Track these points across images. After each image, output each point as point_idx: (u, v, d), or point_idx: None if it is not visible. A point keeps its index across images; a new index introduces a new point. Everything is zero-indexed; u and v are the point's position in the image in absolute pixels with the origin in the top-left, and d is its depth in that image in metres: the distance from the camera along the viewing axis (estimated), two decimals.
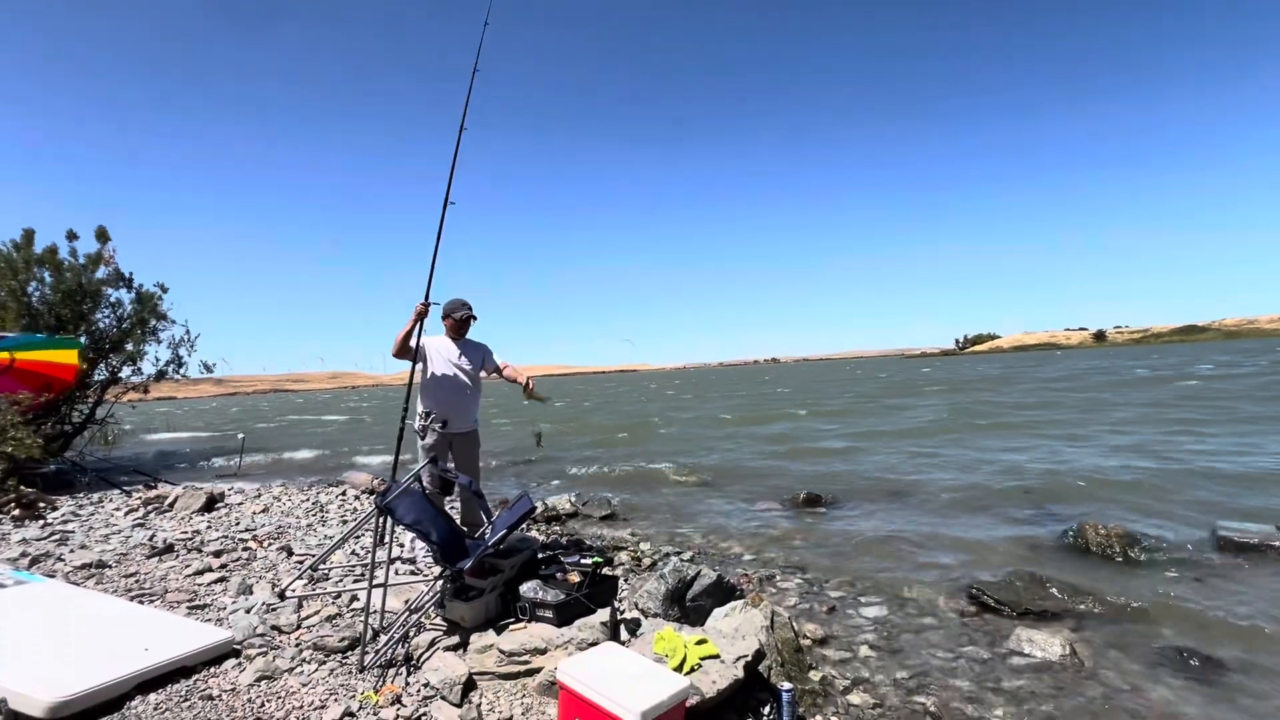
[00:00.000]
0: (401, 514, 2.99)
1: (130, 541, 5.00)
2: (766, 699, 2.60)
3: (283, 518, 6.05)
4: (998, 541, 5.35)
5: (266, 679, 2.63)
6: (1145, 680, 2.98)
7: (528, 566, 3.22)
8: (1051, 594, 3.94)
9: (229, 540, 5.03)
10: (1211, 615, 3.67)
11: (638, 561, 4.96)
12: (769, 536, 5.80)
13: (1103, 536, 4.89)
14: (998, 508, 6.51)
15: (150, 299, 11.66)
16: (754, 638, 2.78)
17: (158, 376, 12.08)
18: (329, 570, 4.13)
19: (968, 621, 3.72)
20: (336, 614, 3.36)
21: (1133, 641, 3.38)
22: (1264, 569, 4.36)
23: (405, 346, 3.94)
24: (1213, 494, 6.55)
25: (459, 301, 4.16)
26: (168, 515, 6.18)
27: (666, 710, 2.06)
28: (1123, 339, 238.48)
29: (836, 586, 4.39)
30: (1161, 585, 4.17)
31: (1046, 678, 3.03)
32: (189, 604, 3.55)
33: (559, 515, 6.60)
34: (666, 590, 3.54)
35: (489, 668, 2.68)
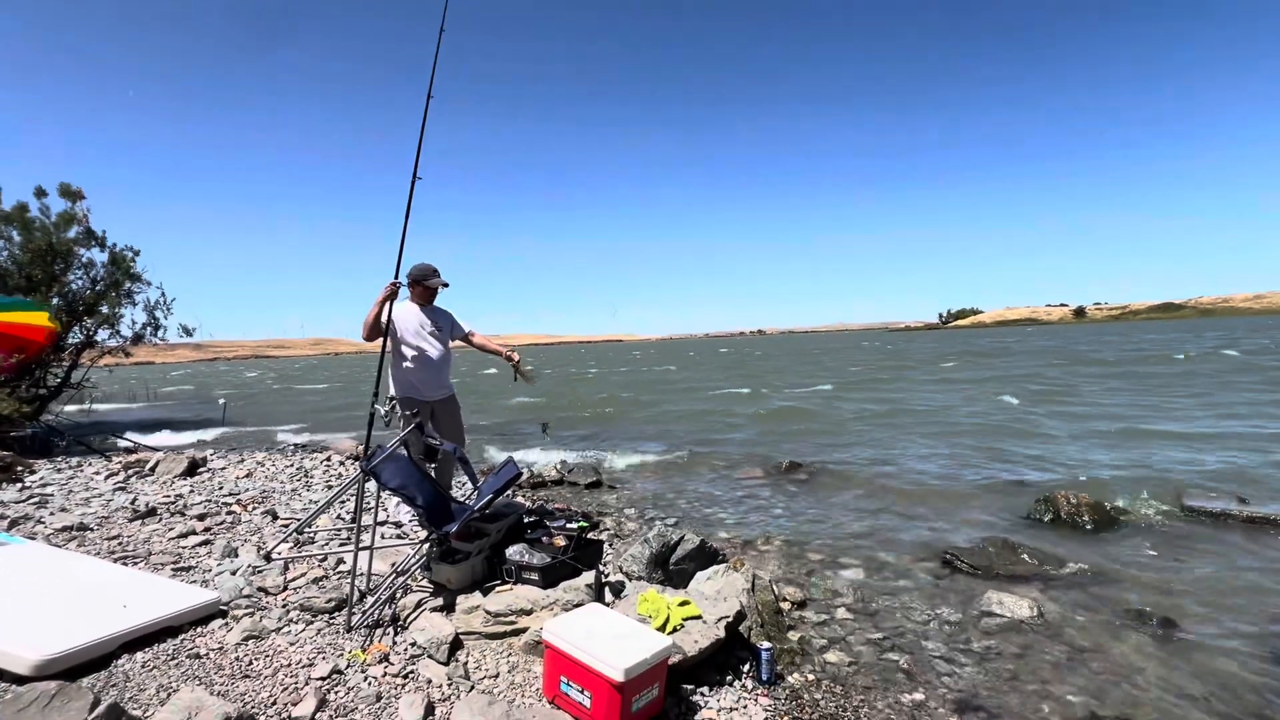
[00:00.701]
0: (387, 479, 2.99)
1: (111, 505, 4.97)
2: (746, 657, 2.68)
3: (267, 482, 6.03)
4: (972, 509, 5.50)
5: (254, 638, 2.65)
6: (1107, 639, 3.11)
7: (514, 530, 3.25)
8: (1022, 559, 4.07)
9: (212, 504, 5.02)
10: (1172, 579, 3.82)
11: (622, 526, 5.03)
12: (752, 503, 5.91)
13: (1073, 505, 5.04)
14: (975, 478, 6.67)
15: (124, 260, 11.37)
16: (735, 600, 2.86)
17: (135, 340, 11.87)
18: (314, 534, 4.14)
19: (941, 584, 3.85)
20: (323, 576, 3.38)
21: (1097, 603, 3.52)
22: (1224, 536, 4.54)
23: (376, 327, 3.77)
24: (1183, 464, 6.77)
25: (429, 267, 4.04)
26: (149, 479, 6.14)
27: (649, 667, 2.12)
28: (1102, 315, 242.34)
29: (816, 551, 4.50)
30: (1127, 551, 4.33)
31: (1014, 637, 3.15)
32: (174, 566, 3.55)
33: (545, 481, 6.66)
34: (651, 554, 3.60)
35: (475, 628, 2.72)
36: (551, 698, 2.26)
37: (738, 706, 2.34)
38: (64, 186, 10.69)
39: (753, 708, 2.34)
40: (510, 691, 2.36)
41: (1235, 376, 15.87)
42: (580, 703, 2.14)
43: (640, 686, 2.11)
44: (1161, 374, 17.64)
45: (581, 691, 2.14)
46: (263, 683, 2.32)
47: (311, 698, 2.20)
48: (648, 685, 2.14)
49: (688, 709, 2.28)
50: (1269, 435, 8.11)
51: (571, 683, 2.17)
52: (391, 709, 2.20)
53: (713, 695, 2.40)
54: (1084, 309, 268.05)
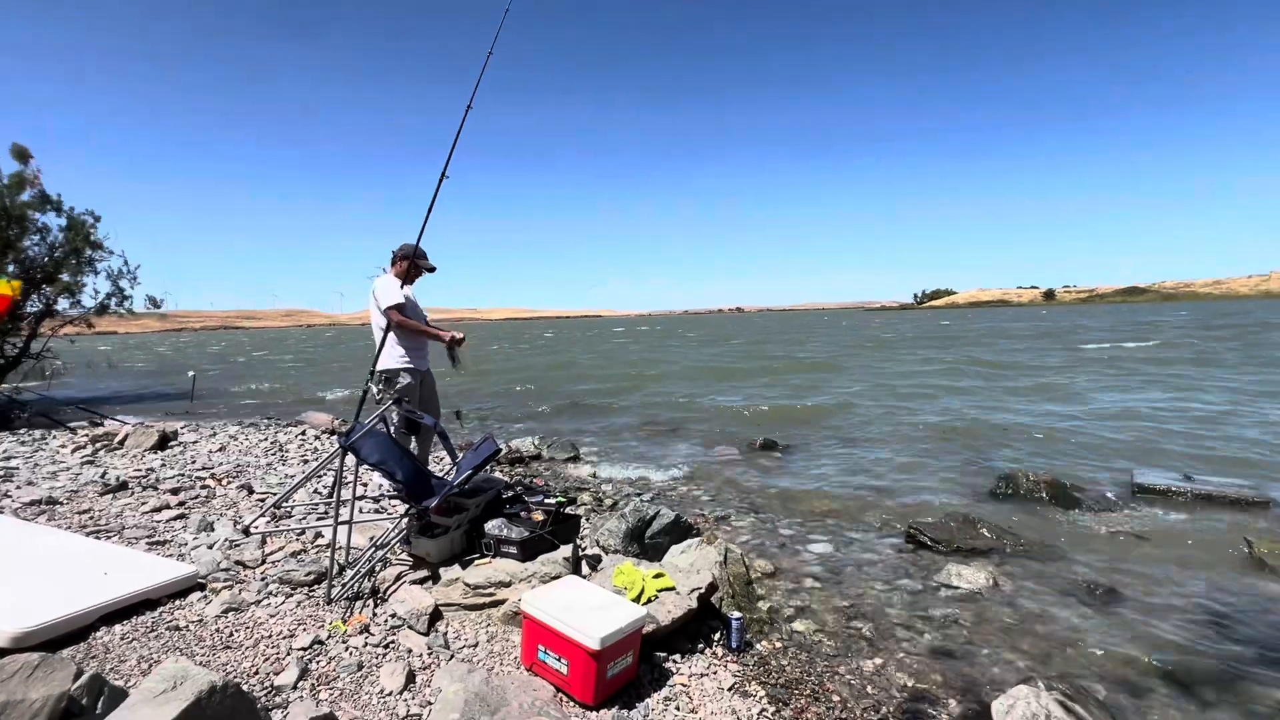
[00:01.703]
0: (366, 454, 3.01)
1: (81, 479, 4.90)
2: (718, 626, 2.80)
3: (241, 456, 5.99)
4: (938, 486, 5.71)
5: (233, 610, 2.69)
6: (1056, 608, 3.30)
7: (492, 505, 3.31)
8: (981, 534, 4.26)
9: (185, 478, 4.98)
10: (1118, 552, 4.05)
11: (599, 502, 5.13)
12: (725, 479, 6.05)
13: (1032, 483, 5.26)
14: (942, 455, 6.89)
15: (82, 226, 10.96)
16: (708, 572, 2.96)
17: (99, 310, 11.52)
18: (292, 508, 4.15)
19: (904, 557, 4.02)
20: (301, 550, 3.41)
21: (1048, 575, 3.72)
22: (1169, 511, 4.80)
23: (410, 322, 4.04)
24: (1139, 444, 7.08)
25: (421, 249, 4.11)
26: (118, 453, 6.04)
27: (624, 636, 2.21)
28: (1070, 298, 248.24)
29: (787, 525, 4.65)
30: (1079, 526, 4.56)
31: (971, 607, 3.32)
32: (148, 540, 3.54)
33: (523, 457, 6.71)
34: (627, 529, 3.70)
35: (455, 600, 2.79)
36: (529, 665, 2.34)
37: (708, 672, 2.46)
38: (15, 147, 10.23)
39: (722, 674, 2.46)
40: (489, 660, 2.44)
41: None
42: (558, 670, 2.22)
43: (615, 654, 2.20)
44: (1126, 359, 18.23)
45: (559, 659, 2.22)
46: (244, 653, 2.37)
47: (294, 667, 2.25)
48: (623, 653, 2.24)
49: (661, 675, 2.39)
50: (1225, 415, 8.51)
51: (549, 651, 2.26)
52: (373, 677, 2.26)
53: (685, 662, 2.51)
54: (1053, 291, 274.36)
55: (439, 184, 3.62)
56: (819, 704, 2.36)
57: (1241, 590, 3.51)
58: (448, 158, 3.63)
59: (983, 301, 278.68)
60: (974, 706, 2.44)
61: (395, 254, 4.20)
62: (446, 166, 3.62)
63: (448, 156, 3.64)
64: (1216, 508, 4.85)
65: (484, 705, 1.99)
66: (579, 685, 2.17)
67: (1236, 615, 3.23)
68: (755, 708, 2.26)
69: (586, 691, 2.16)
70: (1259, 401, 9.49)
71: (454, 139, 3.71)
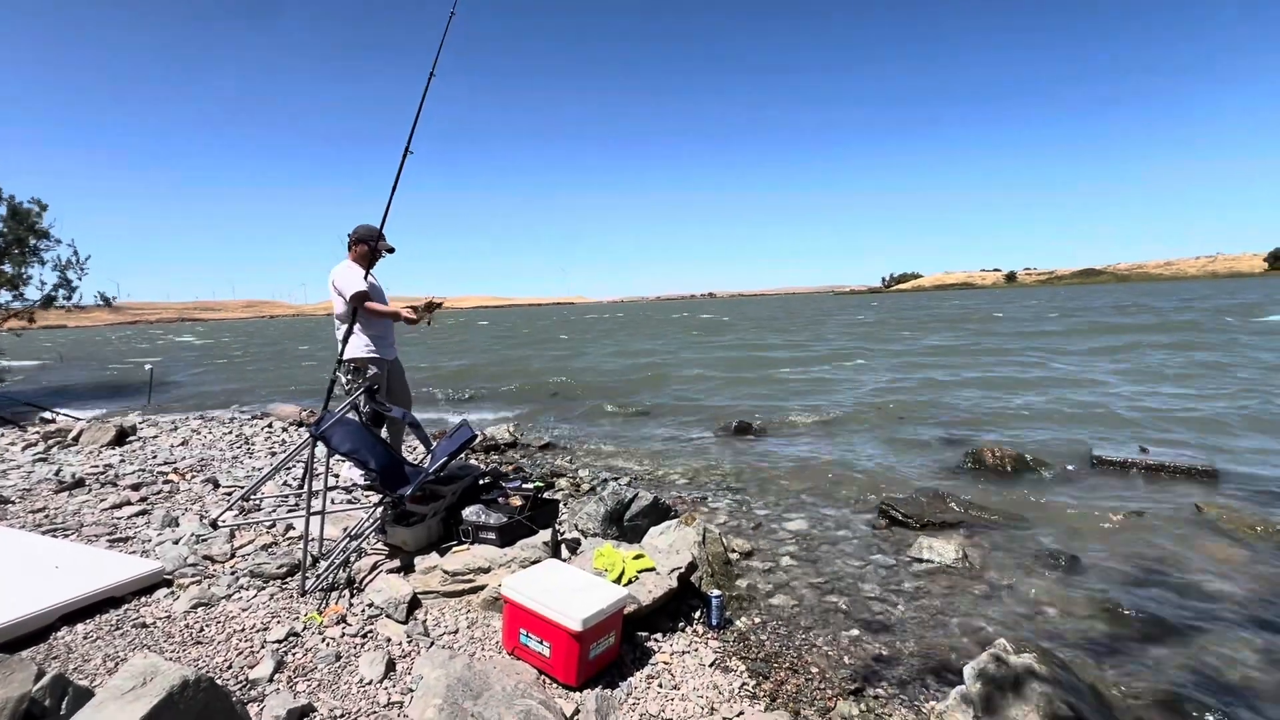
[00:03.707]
0: (337, 443, 2.94)
1: (33, 477, 4.70)
2: (698, 605, 2.83)
3: (205, 450, 5.81)
4: (909, 464, 5.85)
5: (203, 605, 2.61)
6: (1022, 577, 3.42)
7: (469, 492, 3.27)
8: (950, 508, 4.38)
9: (147, 474, 4.81)
10: (1079, 522, 4.21)
11: (577, 487, 5.12)
12: (703, 462, 6.09)
13: (997, 458, 5.43)
14: (913, 434, 7.06)
15: (27, 215, 10.41)
16: (687, 552, 2.99)
17: (45, 303, 10.98)
18: (260, 501, 4.05)
19: (877, 533, 4.12)
20: (272, 543, 3.33)
21: (1014, 545, 3.85)
22: (1126, 483, 5.01)
23: (372, 306, 3.89)
24: (1100, 420, 7.35)
25: (376, 229, 3.98)
26: (73, 449, 5.81)
27: (606, 617, 2.22)
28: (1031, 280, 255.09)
29: (763, 506, 4.71)
30: (1043, 498, 4.72)
31: (941, 579, 3.42)
32: (109, 537, 3.42)
33: (498, 445, 6.66)
34: (605, 512, 3.70)
35: (433, 587, 2.76)
36: (511, 650, 2.33)
37: (690, 649, 2.48)
38: None
39: (703, 650, 2.49)
40: (470, 645, 2.43)
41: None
42: (540, 652, 2.22)
43: (597, 635, 2.21)
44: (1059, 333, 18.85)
45: (541, 642, 2.22)
46: (216, 648, 2.31)
47: (269, 659, 2.20)
48: (604, 634, 2.25)
49: (643, 654, 2.40)
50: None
51: (531, 634, 2.25)
52: (352, 667, 2.23)
53: (666, 640, 2.53)
54: (1015, 274, 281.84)
55: (402, 160, 3.52)
56: (798, 675, 2.41)
57: (1191, 553, 3.68)
58: (410, 132, 3.53)
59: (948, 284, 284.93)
60: (946, 671, 2.51)
61: (351, 238, 3.98)
62: (410, 141, 3.52)
63: (411, 130, 3.53)
64: (1169, 478, 5.07)
65: (466, 690, 1.98)
66: (562, 667, 2.17)
67: (1187, 576, 3.40)
68: (736, 682, 2.29)
69: (569, 673, 2.16)
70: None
71: (417, 111, 3.60)
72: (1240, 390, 8.67)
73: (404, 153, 3.74)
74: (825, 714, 2.17)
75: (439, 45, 3.88)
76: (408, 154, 3.75)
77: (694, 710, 2.11)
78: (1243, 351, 12.94)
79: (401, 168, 3.69)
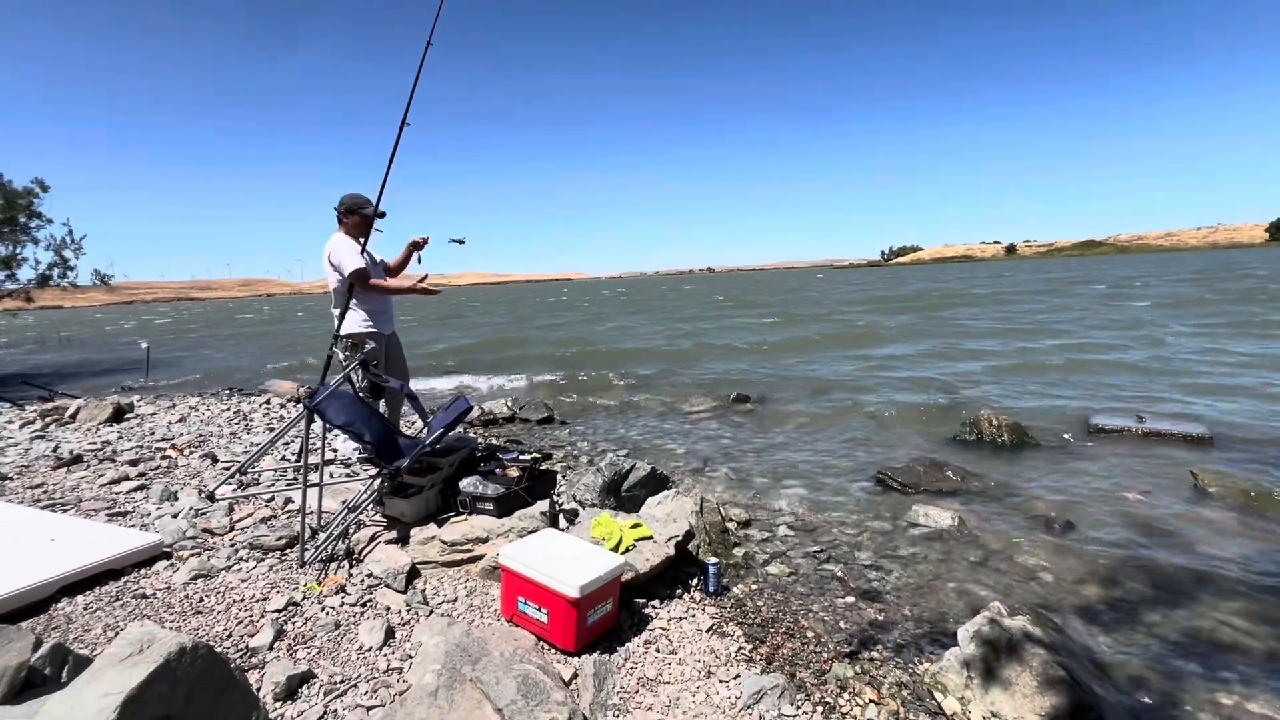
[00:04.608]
0: (332, 416, 2.93)
1: (31, 454, 4.69)
2: (695, 573, 2.85)
3: (203, 426, 5.80)
4: (905, 432, 5.87)
5: (203, 577, 2.63)
6: (1017, 542, 3.45)
7: (467, 464, 3.27)
8: (947, 476, 4.40)
9: (145, 449, 4.81)
10: (1075, 489, 4.23)
11: (575, 459, 5.13)
12: (701, 433, 6.11)
13: (994, 426, 5.44)
14: (911, 404, 7.06)
15: (15, 195, 10.26)
16: (684, 521, 3.00)
17: (41, 282, 10.89)
18: (258, 475, 4.05)
19: (874, 501, 4.14)
20: (271, 516, 3.34)
21: (1010, 512, 3.87)
22: (1122, 450, 5.02)
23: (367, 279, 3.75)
24: (1098, 386, 7.36)
25: (364, 197, 3.85)
26: (70, 427, 5.80)
27: (604, 584, 2.23)
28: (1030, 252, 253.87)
29: (761, 475, 4.73)
30: (1038, 465, 4.74)
31: (937, 545, 3.45)
32: (108, 512, 3.42)
33: (496, 419, 6.66)
34: (603, 482, 3.71)
35: (432, 557, 2.77)
36: (510, 617, 2.35)
37: (687, 616, 2.50)
38: None
39: (700, 616, 2.51)
40: (469, 614, 2.44)
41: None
42: (538, 620, 2.23)
43: (595, 601, 2.22)
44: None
45: (539, 609, 2.23)
46: (216, 617, 2.32)
47: (269, 628, 2.22)
48: (602, 600, 2.26)
49: (641, 620, 2.42)
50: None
51: (529, 602, 2.26)
52: (351, 635, 2.24)
53: (664, 607, 2.55)
54: (1015, 246, 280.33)
55: (399, 131, 3.43)
56: (794, 640, 2.43)
57: (1187, 519, 3.70)
58: (408, 102, 3.44)
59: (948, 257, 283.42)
60: (941, 635, 2.54)
61: (339, 210, 3.83)
62: (407, 112, 3.43)
63: (408, 100, 3.44)
64: (1166, 445, 5.09)
65: (465, 656, 2.00)
66: (560, 633, 2.19)
67: (1182, 541, 3.43)
68: (733, 646, 2.31)
69: (568, 638, 2.18)
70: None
71: (414, 80, 3.50)
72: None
73: (401, 124, 3.65)
74: (820, 676, 2.20)
75: (436, 13, 3.77)
76: (405, 125, 3.65)
77: (691, 674, 2.13)
78: None
79: (399, 139, 3.60)
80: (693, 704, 1.98)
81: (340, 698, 1.91)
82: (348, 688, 1.96)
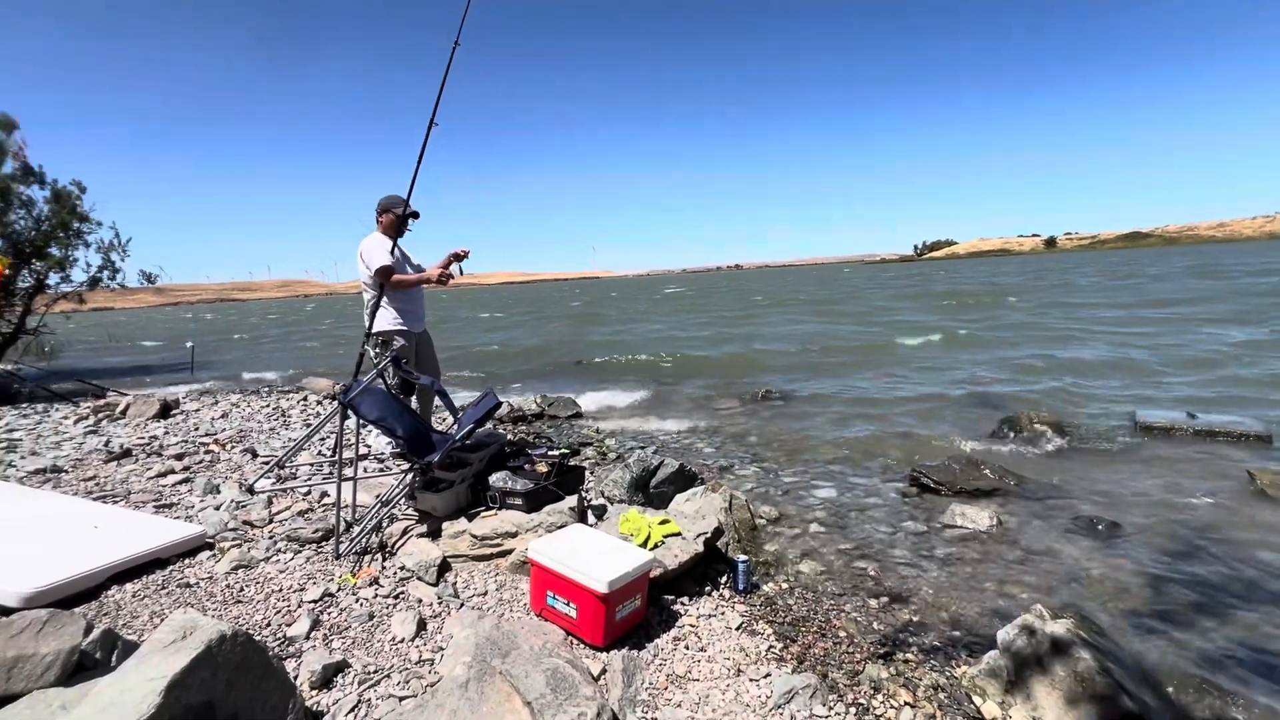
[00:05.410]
0: (365, 411, 2.99)
1: (85, 447, 4.90)
2: (724, 570, 2.82)
3: (243, 422, 5.99)
4: (941, 430, 5.72)
5: (243, 568, 2.70)
6: (1059, 544, 3.33)
7: (496, 459, 3.30)
8: (985, 474, 4.27)
9: (189, 444, 4.98)
10: (1121, 488, 4.07)
11: (604, 455, 5.14)
12: (730, 430, 6.06)
13: (1034, 424, 5.26)
14: (944, 399, 6.89)
15: (67, 197, 10.71)
16: (713, 517, 2.97)
17: (91, 284, 11.35)
18: (296, 469, 4.15)
19: (908, 500, 4.04)
20: (308, 509, 3.42)
21: (1052, 513, 3.74)
22: (1171, 448, 4.81)
23: (396, 278, 3.86)
24: (1146, 383, 7.07)
25: (400, 198, 3.95)
26: (121, 422, 6.04)
27: (632, 580, 2.22)
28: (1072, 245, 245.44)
29: (791, 473, 4.67)
30: (1082, 464, 4.57)
31: (974, 545, 3.35)
32: (155, 503, 3.55)
33: (525, 415, 6.71)
34: (631, 479, 3.70)
35: (462, 551, 2.80)
36: (539, 611, 2.36)
37: (716, 613, 2.48)
38: (4, 118, 9.89)
39: (730, 614, 2.48)
40: (499, 607, 2.46)
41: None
42: (567, 614, 2.24)
43: (623, 597, 2.21)
44: None
45: (568, 604, 2.24)
46: (255, 607, 2.39)
47: (305, 618, 2.27)
48: (630, 596, 2.25)
49: (669, 617, 2.41)
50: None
51: (558, 597, 2.27)
52: (384, 626, 2.28)
53: (693, 604, 2.53)
54: (1055, 239, 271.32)
55: (428, 132, 3.47)
56: (826, 639, 2.39)
57: (1244, 522, 3.53)
58: (436, 103, 3.47)
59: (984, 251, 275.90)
60: (979, 638, 2.47)
61: (378, 209, 4.06)
62: (435, 113, 3.46)
63: (436, 101, 3.48)
64: (1220, 443, 4.85)
65: (495, 649, 2.01)
66: (588, 628, 2.19)
67: (1239, 546, 3.26)
68: (763, 645, 2.28)
69: (596, 633, 2.18)
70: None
71: (442, 81, 3.53)
72: None
73: (429, 125, 3.69)
74: (854, 677, 2.15)
75: (463, 14, 3.79)
76: (433, 126, 3.70)
77: (720, 671, 2.11)
78: None
79: (427, 140, 3.63)
80: (722, 702, 1.96)
81: (374, 687, 1.94)
82: (381, 678, 1.99)
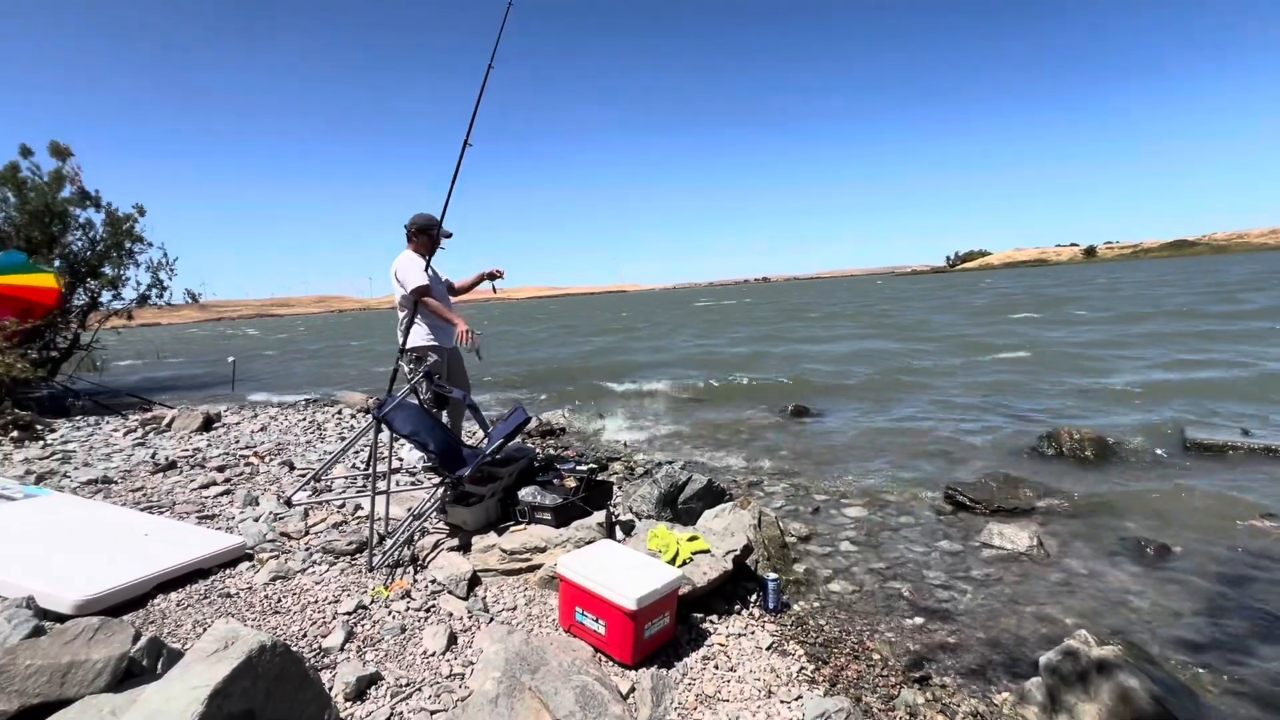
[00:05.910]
0: (399, 425, 3.05)
1: (133, 459, 5.10)
2: (754, 588, 2.79)
3: (281, 435, 6.16)
4: (976, 446, 5.58)
5: (280, 579, 2.77)
6: (1104, 566, 3.21)
7: (525, 474, 3.33)
8: (1023, 493, 4.15)
9: (230, 457, 5.14)
10: (1170, 509, 3.90)
11: (631, 470, 5.14)
12: (759, 445, 6.00)
13: (1075, 440, 5.10)
14: (979, 415, 6.72)
15: (122, 220, 11.27)
16: (742, 535, 2.94)
17: (140, 301, 11.88)
18: (331, 482, 4.25)
19: (943, 519, 3.94)
20: (342, 521, 3.50)
21: (1096, 533, 3.61)
22: (1223, 467, 4.60)
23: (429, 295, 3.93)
24: (1191, 400, 6.79)
25: (433, 218, 4.04)
26: (166, 435, 6.27)
27: (660, 597, 2.21)
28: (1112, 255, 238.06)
29: (821, 490, 4.59)
30: (1127, 483, 4.40)
31: (1013, 567, 3.25)
32: (198, 515, 3.67)
33: (553, 429, 6.76)
34: (659, 494, 3.69)
35: (492, 565, 2.83)
36: (568, 627, 2.36)
37: (746, 633, 2.45)
38: (53, 144, 10.49)
39: (759, 633, 2.45)
40: (528, 622, 2.47)
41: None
42: (595, 631, 2.24)
43: (652, 615, 2.20)
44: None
45: (596, 621, 2.23)
46: (292, 618, 2.44)
47: (340, 630, 2.31)
48: (659, 614, 2.24)
49: (698, 635, 2.39)
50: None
51: (586, 613, 2.27)
52: (416, 639, 2.31)
53: (722, 622, 2.50)
54: (1094, 249, 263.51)
55: (462, 152, 3.57)
56: (859, 661, 2.34)
57: None
58: (470, 123, 3.57)
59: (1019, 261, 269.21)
60: (1020, 663, 2.39)
61: (410, 229, 4.04)
62: (469, 133, 3.56)
63: (470, 122, 3.57)
64: (1276, 462, 4.63)
65: (524, 664, 2.02)
66: (617, 645, 2.18)
67: None
68: (794, 665, 2.24)
69: (625, 651, 2.17)
70: None
71: (476, 102, 3.63)
72: None
73: (463, 144, 3.78)
74: (888, 701, 2.10)
75: (497, 35, 3.88)
76: (467, 145, 3.79)
77: (751, 692, 2.08)
78: None
79: (461, 159, 3.73)
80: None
81: (405, 700, 1.97)
82: (412, 691, 2.01)
